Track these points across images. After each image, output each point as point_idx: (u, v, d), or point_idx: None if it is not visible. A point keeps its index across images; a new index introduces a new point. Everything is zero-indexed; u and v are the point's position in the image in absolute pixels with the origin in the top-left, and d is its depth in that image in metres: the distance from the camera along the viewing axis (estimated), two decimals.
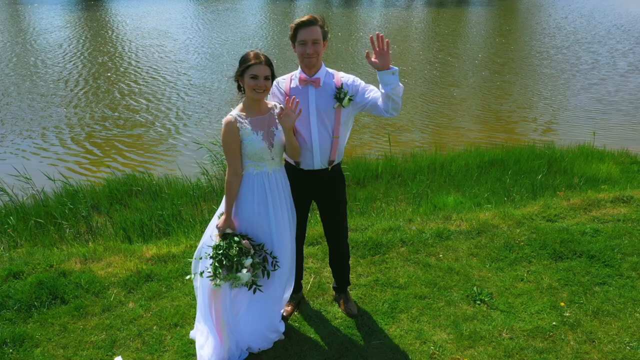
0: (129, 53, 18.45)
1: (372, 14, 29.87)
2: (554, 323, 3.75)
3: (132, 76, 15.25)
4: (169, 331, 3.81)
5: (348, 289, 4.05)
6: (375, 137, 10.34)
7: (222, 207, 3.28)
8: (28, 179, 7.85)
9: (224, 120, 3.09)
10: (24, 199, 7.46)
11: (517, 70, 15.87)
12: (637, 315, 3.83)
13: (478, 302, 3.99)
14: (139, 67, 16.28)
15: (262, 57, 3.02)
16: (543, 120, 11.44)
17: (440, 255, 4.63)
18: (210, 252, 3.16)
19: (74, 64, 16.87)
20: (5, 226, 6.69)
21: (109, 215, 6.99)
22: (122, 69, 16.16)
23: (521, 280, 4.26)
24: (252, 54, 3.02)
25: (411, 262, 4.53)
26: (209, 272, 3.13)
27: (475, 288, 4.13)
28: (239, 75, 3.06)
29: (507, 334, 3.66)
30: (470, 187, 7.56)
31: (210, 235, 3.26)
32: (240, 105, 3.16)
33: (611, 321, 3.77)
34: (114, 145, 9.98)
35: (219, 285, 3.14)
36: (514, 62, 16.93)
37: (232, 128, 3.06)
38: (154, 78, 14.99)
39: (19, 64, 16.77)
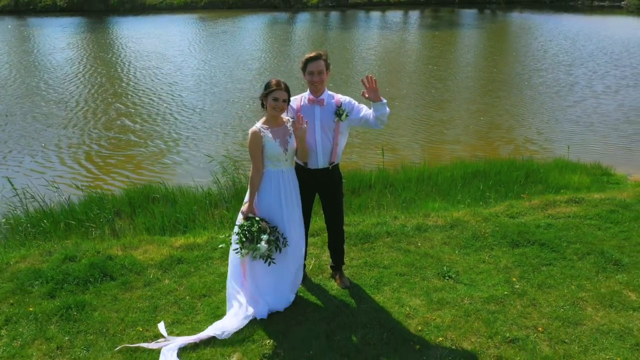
0: (129, 75, 19.55)
1: (367, 34, 31.16)
2: (505, 292, 4.73)
3: (131, 97, 16.33)
4: (199, 300, 4.77)
5: (343, 268, 5.03)
6: (369, 153, 11.34)
7: (247, 197, 4.28)
8: (56, 187, 8.86)
9: (250, 131, 4.12)
10: (52, 205, 8.40)
11: (501, 91, 16.99)
12: (573, 287, 4.82)
13: (446, 278, 4.97)
14: (136, 89, 17.36)
15: (282, 84, 4.06)
16: (523, 138, 12.48)
17: (419, 244, 5.63)
18: (237, 229, 4.16)
19: (83, 85, 17.95)
20: (40, 228, 7.62)
21: (131, 219, 7.94)
22: (120, 90, 17.24)
23: (483, 262, 5.26)
24: (274, 82, 4.06)
25: (394, 248, 5.52)
26: (236, 243, 4.12)
27: (445, 268, 5.12)
28: (264, 97, 4.09)
29: (467, 300, 4.63)
30: (454, 195, 8.50)
31: (238, 217, 4.27)
32: (263, 119, 4.19)
33: (551, 291, 4.76)
34: (126, 161, 11.04)
35: (243, 255, 4.13)
36: (498, 84, 18.07)
37: (256, 137, 4.09)
38: (159, 98, 16.07)
39: (23, 85, 17.89)
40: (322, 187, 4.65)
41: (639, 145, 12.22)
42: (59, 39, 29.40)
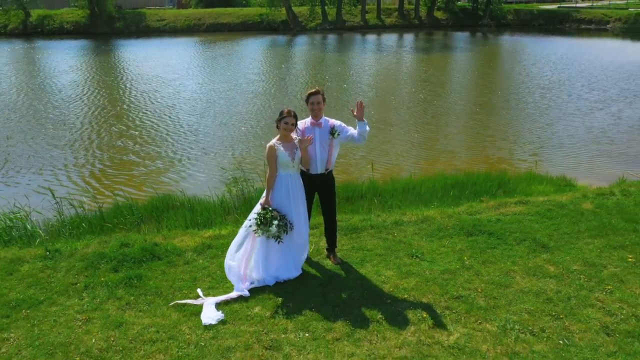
0: (136, 97, 21.25)
1: (361, 57, 32.99)
2: (457, 267, 6.31)
3: (131, 119, 17.96)
4: None
5: (335, 250, 6.61)
6: (362, 168, 12.91)
7: (264, 193, 5.89)
8: (95, 196, 10.43)
9: (267, 145, 5.75)
10: (85, 211, 9.91)
11: (480, 114, 18.70)
12: (508, 263, 6.40)
13: (414, 257, 6.55)
14: (136, 111, 19.01)
15: (292, 113, 5.70)
16: (496, 157, 14.09)
17: (395, 234, 7.22)
18: (255, 215, 5.77)
19: (87, 107, 19.63)
20: (79, 230, 9.12)
21: (157, 222, 9.47)
22: (121, 113, 18.89)
23: (443, 247, 6.84)
24: (286, 111, 5.71)
25: (375, 237, 7.12)
26: (253, 225, 5.72)
27: (413, 250, 6.71)
28: (278, 121, 5.73)
29: (428, 272, 6.21)
30: (434, 203, 10.04)
31: (257, 207, 5.90)
32: (277, 136, 5.83)
33: (491, 266, 6.34)
34: (134, 176, 12.64)
35: (259, 235, 5.73)
36: (479, 107, 19.81)
37: (272, 149, 5.72)
38: (163, 120, 17.75)
39: (30, 107, 19.57)
40: (320, 189, 6.27)
41: (602, 161, 13.81)
42: (64, 62, 31.16)
